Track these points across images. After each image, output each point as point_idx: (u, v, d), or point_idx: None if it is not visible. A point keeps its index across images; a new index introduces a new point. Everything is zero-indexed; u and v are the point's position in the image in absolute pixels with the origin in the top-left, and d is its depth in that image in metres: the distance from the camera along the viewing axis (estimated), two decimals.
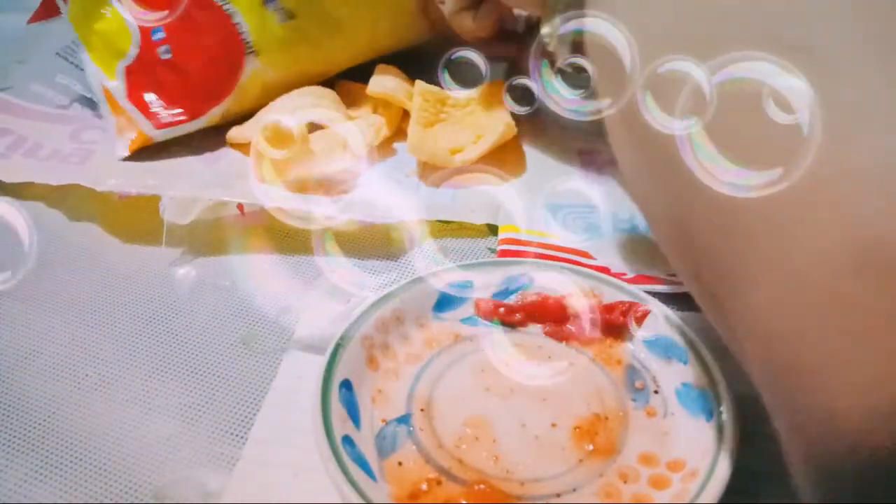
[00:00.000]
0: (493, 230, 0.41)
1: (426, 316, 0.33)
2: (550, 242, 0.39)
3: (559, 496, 0.26)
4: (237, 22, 0.46)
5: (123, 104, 0.46)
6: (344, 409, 0.28)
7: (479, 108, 0.46)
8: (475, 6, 0.46)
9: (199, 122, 0.47)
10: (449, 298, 0.33)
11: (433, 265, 0.36)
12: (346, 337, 0.30)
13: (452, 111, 0.46)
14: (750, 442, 0.28)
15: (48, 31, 0.49)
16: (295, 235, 0.40)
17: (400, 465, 0.27)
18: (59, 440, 0.30)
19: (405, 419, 0.29)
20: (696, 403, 0.29)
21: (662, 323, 0.31)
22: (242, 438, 0.30)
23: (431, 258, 0.39)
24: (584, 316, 0.33)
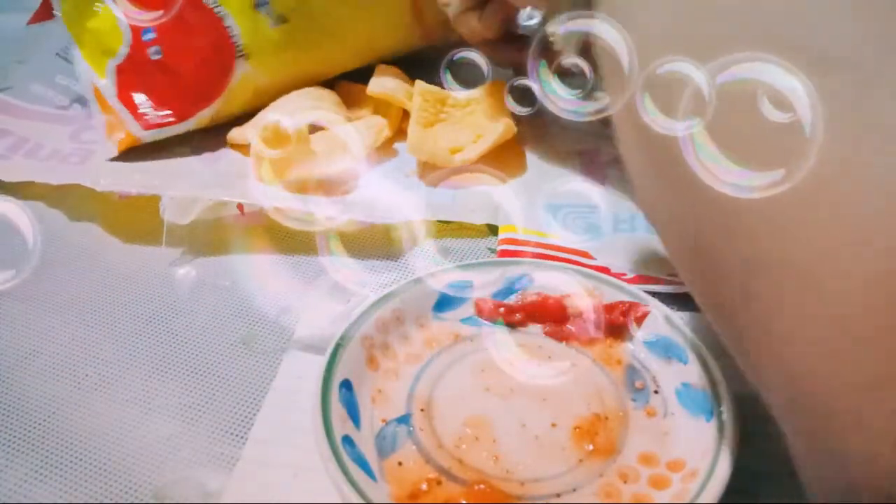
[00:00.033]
0: (493, 230, 0.41)
1: (426, 316, 0.33)
2: (550, 242, 0.39)
3: (559, 496, 0.26)
4: (228, 25, 0.46)
5: (112, 103, 0.46)
6: (344, 409, 0.28)
7: (479, 107, 0.46)
8: (480, 6, 0.46)
9: (187, 123, 0.46)
10: (449, 298, 0.33)
11: (433, 265, 0.36)
12: (346, 337, 0.30)
13: (452, 111, 0.46)
14: (750, 442, 0.28)
15: (48, 31, 0.49)
16: (295, 235, 0.40)
17: (400, 465, 0.27)
18: (59, 440, 0.30)
19: (405, 419, 0.29)
20: (696, 403, 0.28)
21: (662, 323, 0.31)
22: (242, 438, 0.30)
23: (431, 258, 0.39)
24: (584, 316, 0.33)
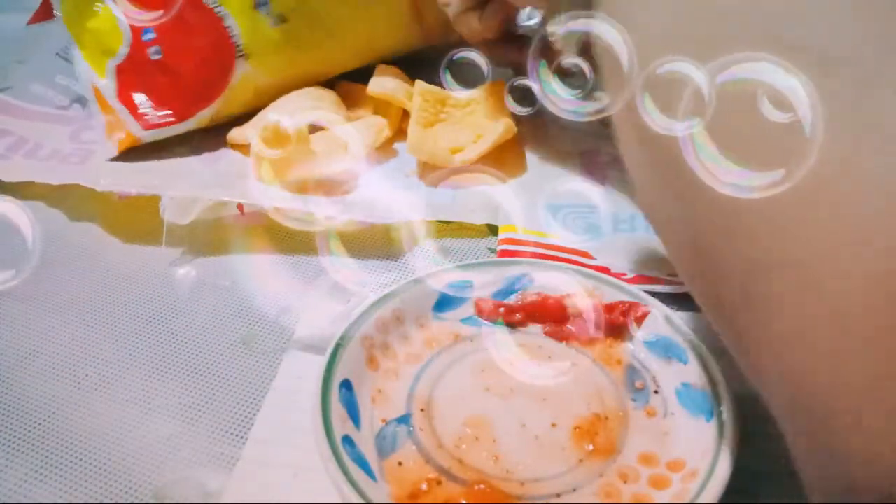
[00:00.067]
0: (493, 230, 0.41)
1: (426, 316, 0.33)
2: (550, 242, 0.39)
3: (559, 496, 0.26)
4: (228, 25, 0.46)
5: (112, 103, 0.46)
6: (344, 409, 0.28)
7: (479, 108, 0.46)
8: (481, 7, 0.46)
9: (187, 123, 0.46)
10: (449, 298, 0.33)
11: (433, 265, 0.36)
12: (346, 337, 0.30)
13: (452, 111, 0.46)
14: (750, 442, 0.28)
15: (48, 31, 0.49)
16: (295, 235, 0.40)
17: (400, 465, 0.27)
18: (59, 440, 0.30)
19: (405, 419, 0.29)
20: (696, 403, 0.28)
21: (662, 323, 0.31)
22: (242, 438, 0.30)
23: (431, 258, 0.39)
24: (584, 316, 0.33)
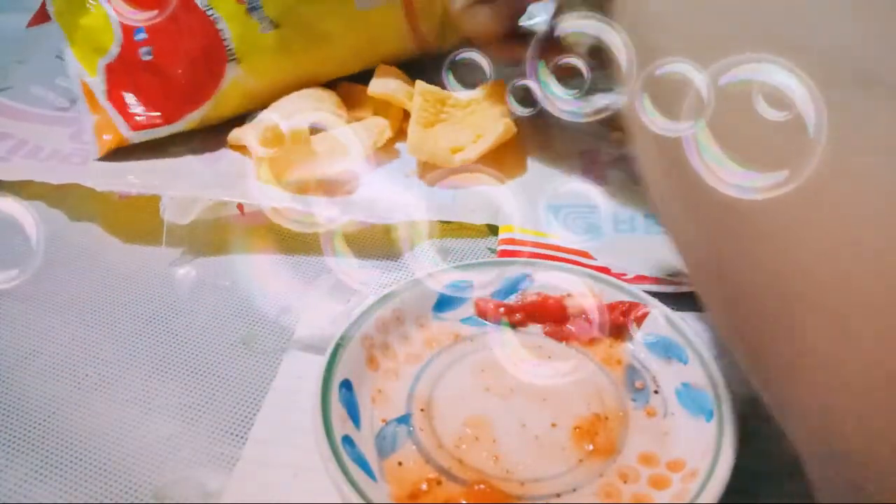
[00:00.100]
0: (493, 230, 0.41)
1: (426, 316, 0.33)
2: (550, 242, 0.39)
3: (559, 496, 0.26)
4: (220, 28, 0.46)
5: (102, 102, 0.46)
6: (344, 409, 0.28)
7: (479, 107, 0.46)
8: (489, 0, 0.45)
9: (175, 126, 0.46)
10: (449, 298, 0.33)
11: (433, 265, 0.36)
12: (346, 337, 0.30)
13: (453, 111, 0.46)
14: (750, 442, 0.28)
15: (48, 32, 0.48)
16: (295, 235, 0.40)
17: (400, 465, 0.27)
18: (59, 440, 0.30)
19: (405, 419, 0.29)
20: (696, 403, 0.28)
21: (662, 323, 0.31)
22: (242, 438, 0.30)
23: (431, 258, 0.39)
24: (584, 316, 0.33)
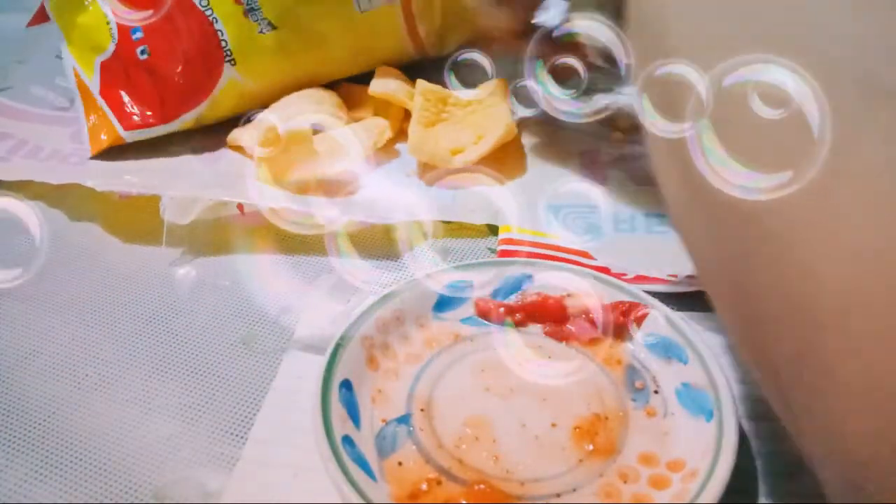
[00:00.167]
0: (493, 230, 0.41)
1: (426, 316, 0.33)
2: (550, 242, 0.39)
3: (559, 496, 0.26)
4: (218, 29, 0.46)
5: (98, 101, 0.46)
6: (344, 409, 0.28)
7: (480, 106, 0.46)
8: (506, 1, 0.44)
9: (170, 125, 0.46)
10: (449, 298, 0.33)
11: (433, 265, 0.36)
12: (346, 337, 0.30)
13: (454, 110, 0.46)
14: (750, 442, 0.28)
15: (48, 32, 0.49)
16: (295, 235, 0.40)
17: (400, 465, 0.27)
18: (59, 440, 0.30)
19: (405, 419, 0.29)
20: (696, 403, 0.28)
21: (662, 323, 0.31)
22: (242, 438, 0.30)
23: (431, 258, 0.39)
24: (584, 316, 0.33)
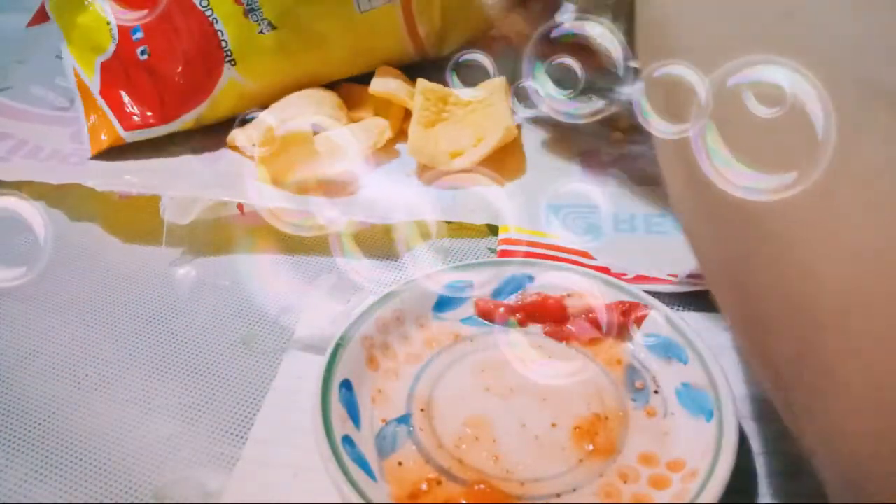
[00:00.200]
0: (493, 230, 0.41)
1: (426, 316, 0.33)
2: (550, 242, 0.39)
3: (559, 496, 0.26)
4: (218, 30, 0.46)
5: (98, 101, 0.46)
6: (344, 409, 0.28)
7: (480, 106, 0.46)
8: (523, 4, 0.44)
9: (170, 126, 0.46)
10: (449, 298, 0.33)
11: (433, 265, 0.36)
12: (346, 337, 0.30)
13: (454, 109, 0.46)
14: (750, 442, 0.28)
15: (48, 32, 0.49)
16: (295, 235, 0.40)
17: (400, 465, 0.27)
18: (59, 440, 0.30)
19: (405, 419, 0.29)
20: (696, 403, 0.28)
21: (662, 323, 0.31)
22: (242, 438, 0.30)
23: (432, 258, 0.39)
24: (584, 316, 0.33)
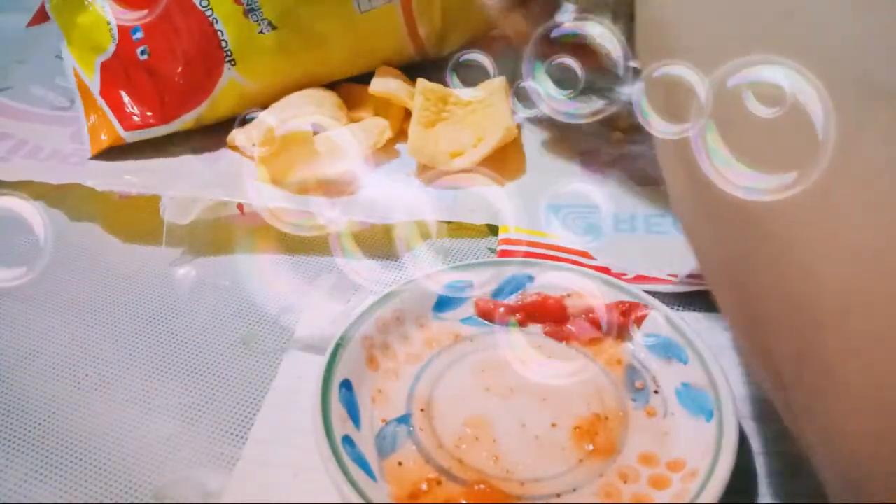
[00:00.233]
0: (493, 230, 0.41)
1: (426, 316, 0.33)
2: (550, 242, 0.39)
3: (559, 496, 0.26)
4: (218, 30, 0.46)
5: (98, 101, 0.46)
6: (344, 409, 0.28)
7: (480, 105, 0.46)
8: (523, 4, 0.44)
9: (170, 126, 0.46)
10: (449, 298, 0.33)
11: (433, 265, 0.36)
12: (346, 337, 0.30)
13: (454, 109, 0.46)
14: (750, 442, 0.28)
15: (48, 32, 0.49)
16: (295, 235, 0.40)
17: (400, 465, 0.27)
18: (59, 440, 0.30)
19: (405, 419, 0.29)
20: (696, 403, 0.28)
21: (662, 323, 0.31)
22: (242, 438, 0.30)
23: (432, 258, 0.39)
24: (584, 316, 0.33)
